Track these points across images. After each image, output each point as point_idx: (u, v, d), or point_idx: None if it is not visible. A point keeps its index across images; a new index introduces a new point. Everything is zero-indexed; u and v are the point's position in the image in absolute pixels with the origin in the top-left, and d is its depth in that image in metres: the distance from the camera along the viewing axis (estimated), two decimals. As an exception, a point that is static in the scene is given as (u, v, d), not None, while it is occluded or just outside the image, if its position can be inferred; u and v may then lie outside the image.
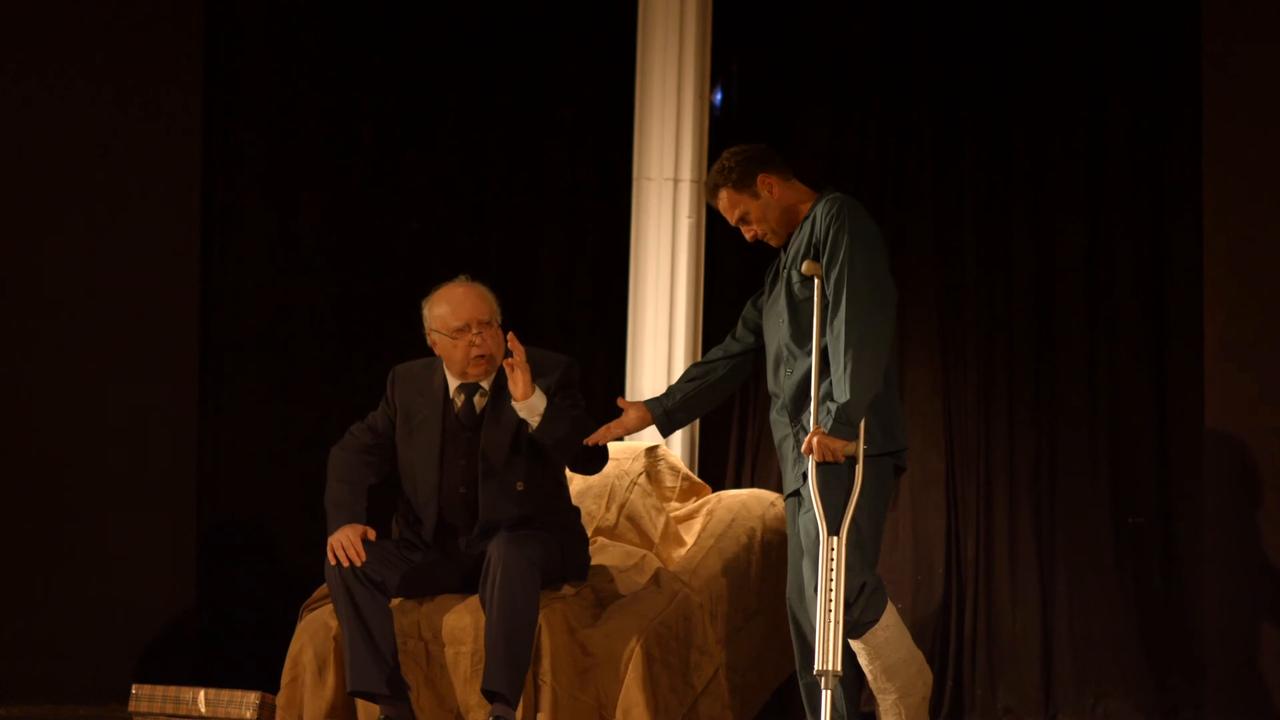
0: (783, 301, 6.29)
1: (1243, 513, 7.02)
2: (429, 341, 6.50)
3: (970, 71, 7.59)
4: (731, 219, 6.34)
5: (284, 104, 7.94)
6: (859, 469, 6.06)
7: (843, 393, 6.01)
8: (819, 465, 6.05)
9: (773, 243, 6.34)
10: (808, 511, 6.09)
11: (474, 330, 6.40)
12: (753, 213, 6.30)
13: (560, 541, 6.44)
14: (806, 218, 6.26)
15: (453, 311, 6.42)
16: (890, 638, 6.22)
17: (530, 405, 6.30)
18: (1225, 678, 7.01)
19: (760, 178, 6.28)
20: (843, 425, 6.03)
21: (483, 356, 6.41)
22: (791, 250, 6.28)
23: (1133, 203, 7.40)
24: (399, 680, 6.27)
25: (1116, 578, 7.31)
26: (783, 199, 6.30)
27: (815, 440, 6.06)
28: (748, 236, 6.36)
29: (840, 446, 6.04)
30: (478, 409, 6.47)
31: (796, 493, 6.21)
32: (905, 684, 6.30)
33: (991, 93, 7.57)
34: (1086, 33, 7.48)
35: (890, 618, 6.21)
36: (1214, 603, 7.06)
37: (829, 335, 6.09)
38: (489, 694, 6.14)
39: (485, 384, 6.49)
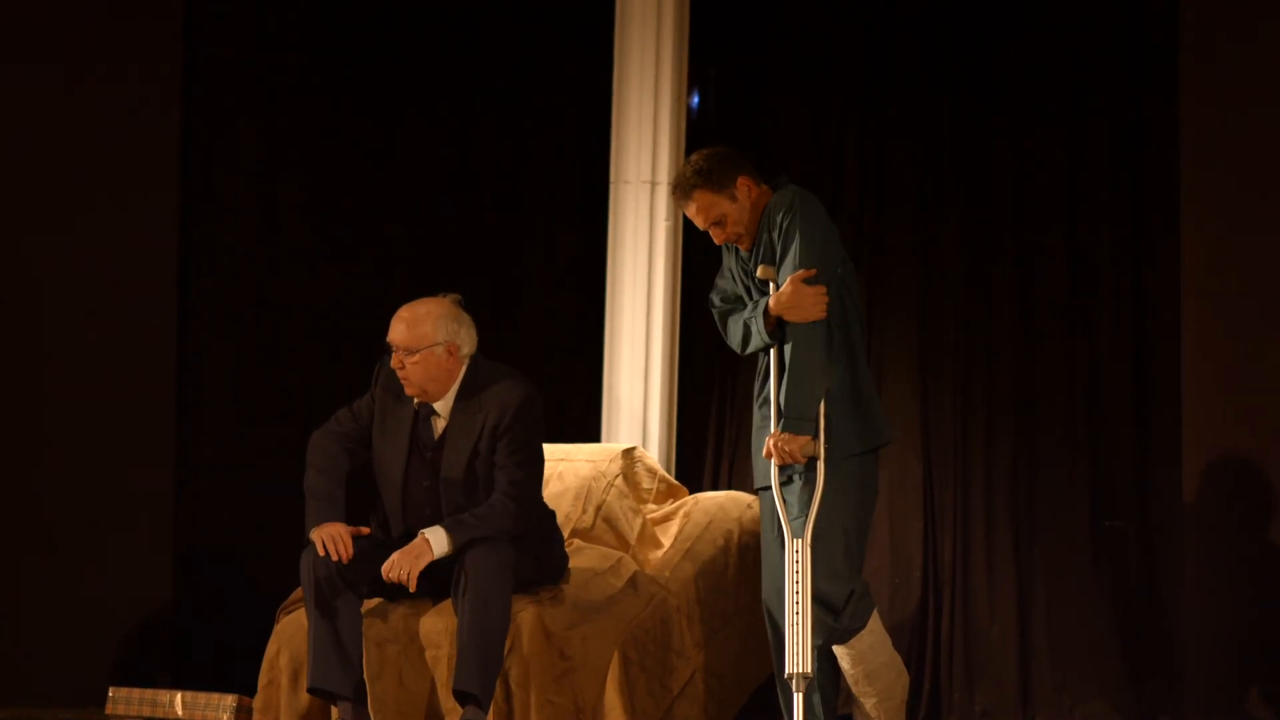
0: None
1: (1220, 516, 7.03)
2: None
3: (951, 72, 7.59)
4: (704, 221, 6.26)
5: (263, 107, 7.94)
6: (820, 469, 6.06)
7: (783, 388, 6.00)
8: (783, 468, 6.07)
9: (745, 246, 6.30)
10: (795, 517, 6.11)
11: (397, 352, 6.37)
12: (730, 215, 6.24)
13: (534, 546, 6.43)
14: (764, 214, 6.24)
15: (390, 330, 6.42)
16: (874, 643, 6.25)
17: (429, 556, 6.24)
18: (1203, 681, 7.02)
19: (740, 180, 6.23)
20: (791, 420, 6.02)
21: (407, 381, 6.38)
22: (756, 249, 6.25)
23: (1111, 207, 7.41)
24: (361, 684, 6.26)
25: (1094, 581, 7.31)
26: (756, 202, 6.27)
27: (771, 443, 6.06)
28: (719, 239, 6.29)
29: (797, 446, 6.03)
30: (436, 432, 6.44)
31: (769, 486, 6.20)
32: (886, 688, 6.33)
33: (972, 95, 7.58)
34: (1066, 39, 7.49)
35: (874, 623, 6.25)
36: (1192, 606, 7.06)
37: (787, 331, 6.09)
38: (460, 695, 6.13)
39: (440, 407, 6.45)
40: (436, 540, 6.24)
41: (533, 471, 6.41)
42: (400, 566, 6.20)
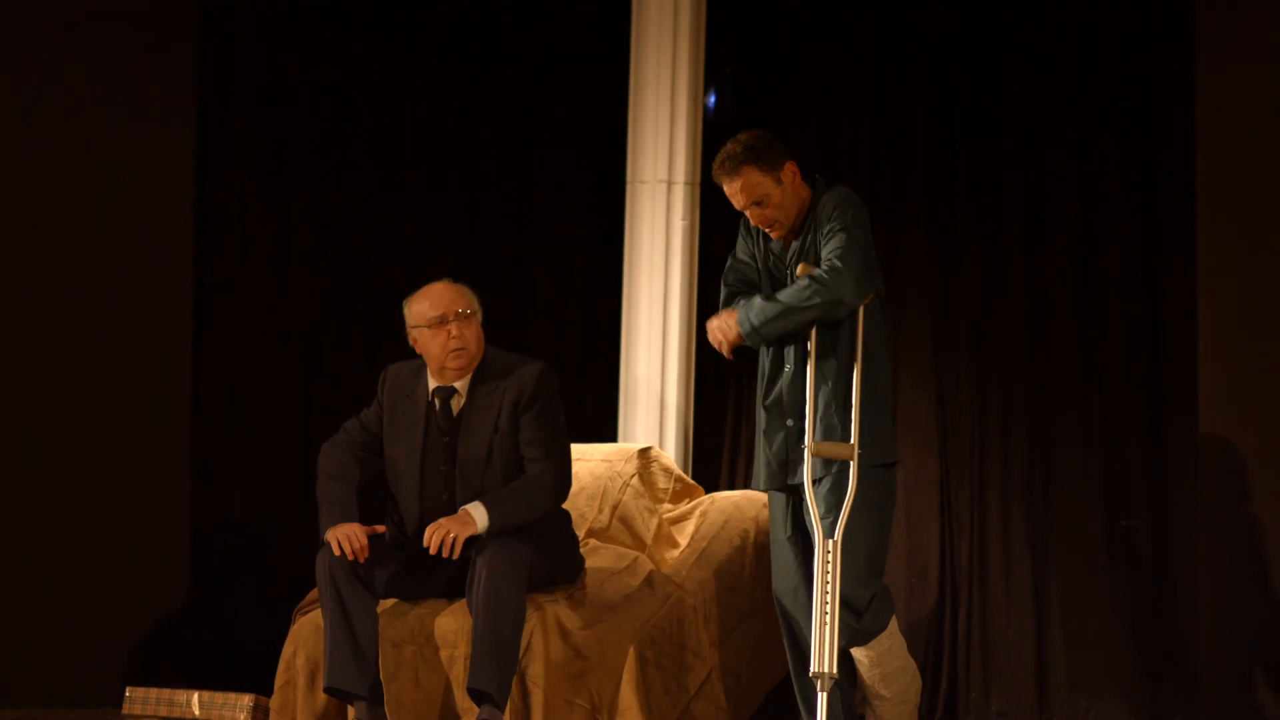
0: None
1: (1236, 516, 7.02)
2: (410, 341, 6.52)
3: (964, 73, 7.59)
4: (747, 199, 6.22)
5: (277, 105, 7.95)
6: (852, 471, 6.07)
7: (766, 301, 6.11)
8: (816, 475, 6.10)
9: (778, 233, 6.28)
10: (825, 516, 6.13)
11: (452, 320, 6.42)
12: (774, 197, 6.21)
13: (549, 544, 6.44)
14: (810, 213, 6.24)
15: (431, 304, 6.46)
16: (892, 646, 6.30)
17: (474, 526, 6.28)
18: (1218, 682, 7.01)
19: (787, 164, 6.23)
20: (753, 318, 6.15)
21: (461, 349, 6.42)
22: (801, 245, 6.25)
23: (1126, 205, 7.40)
24: (377, 684, 6.27)
25: (1110, 581, 7.30)
26: (798, 191, 6.26)
27: (712, 323, 6.21)
28: (756, 220, 6.26)
29: (731, 336, 6.16)
30: (454, 411, 6.48)
31: (788, 488, 6.22)
32: (901, 690, 6.36)
33: (985, 95, 7.58)
34: (1080, 38, 7.49)
35: (892, 625, 6.29)
36: (1207, 607, 7.06)
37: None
38: (476, 694, 6.14)
39: (460, 387, 6.49)
40: (479, 515, 6.28)
41: (562, 439, 6.47)
42: (445, 528, 6.23)
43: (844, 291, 6.10)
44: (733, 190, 6.24)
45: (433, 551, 6.23)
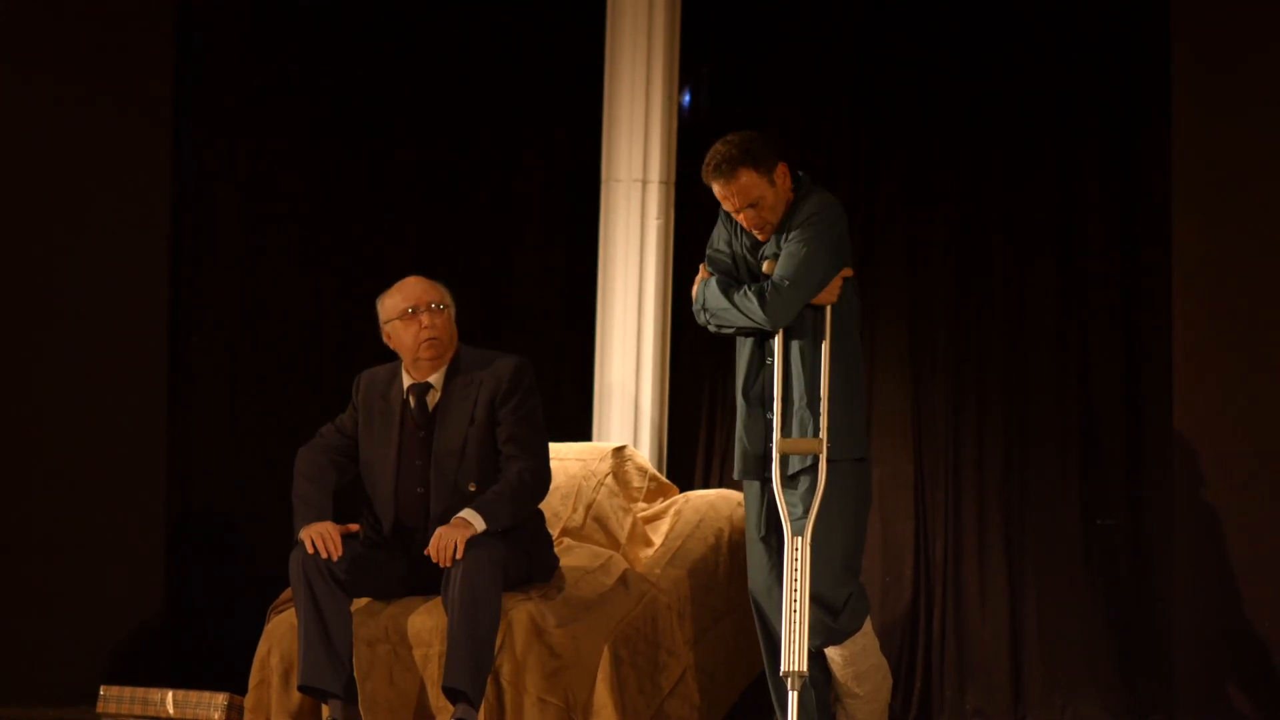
0: None
1: (1212, 514, 7.02)
2: (384, 338, 6.55)
3: (943, 72, 7.59)
4: (741, 202, 6.19)
5: (255, 103, 7.94)
6: (822, 468, 6.07)
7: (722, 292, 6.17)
8: (792, 471, 6.11)
9: (765, 235, 6.26)
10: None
11: (423, 311, 6.45)
12: (767, 199, 6.19)
13: (523, 543, 6.45)
14: (792, 213, 6.23)
15: (403, 297, 6.52)
16: (866, 645, 6.31)
17: (473, 528, 6.30)
18: (1194, 679, 7.01)
19: (780, 165, 6.21)
20: (697, 299, 6.23)
21: (434, 339, 6.45)
22: (776, 241, 6.25)
23: (1103, 207, 7.41)
24: (351, 682, 6.28)
25: (1086, 579, 7.31)
26: (787, 192, 6.26)
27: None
28: (748, 223, 6.23)
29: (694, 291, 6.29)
30: (429, 406, 6.49)
31: (765, 480, 6.22)
32: (873, 690, 6.37)
33: (966, 96, 7.58)
34: (1059, 35, 7.49)
35: (867, 625, 6.30)
36: (1183, 604, 7.06)
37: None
38: (451, 692, 6.14)
39: (435, 381, 6.51)
40: (475, 520, 6.30)
41: (540, 433, 6.51)
42: (445, 537, 6.23)
43: (777, 317, 6.12)
44: (727, 193, 6.21)
45: (440, 563, 6.23)
